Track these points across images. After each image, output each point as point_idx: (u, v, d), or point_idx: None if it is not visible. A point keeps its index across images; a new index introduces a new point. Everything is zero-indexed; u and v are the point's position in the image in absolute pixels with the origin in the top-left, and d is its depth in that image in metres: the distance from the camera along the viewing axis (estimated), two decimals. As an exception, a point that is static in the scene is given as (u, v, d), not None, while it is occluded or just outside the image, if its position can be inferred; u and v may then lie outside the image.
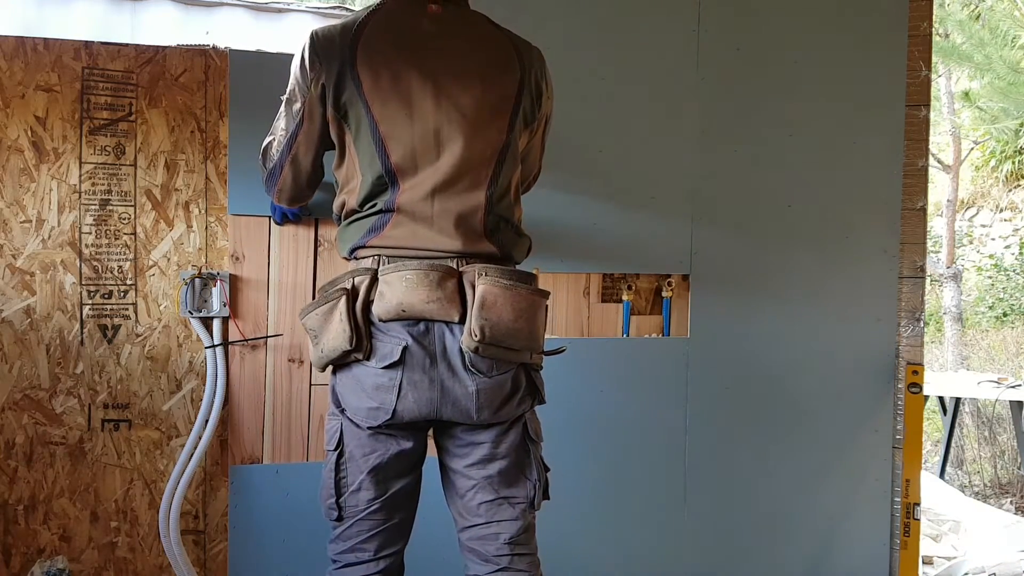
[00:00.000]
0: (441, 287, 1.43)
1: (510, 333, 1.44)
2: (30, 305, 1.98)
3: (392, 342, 1.45)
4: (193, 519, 2.08)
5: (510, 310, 1.43)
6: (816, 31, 2.42)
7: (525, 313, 1.45)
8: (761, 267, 2.39)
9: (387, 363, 1.45)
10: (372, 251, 1.51)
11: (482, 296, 1.43)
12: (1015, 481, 4.51)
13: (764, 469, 2.41)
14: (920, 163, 2.47)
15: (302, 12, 4.12)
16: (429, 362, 1.45)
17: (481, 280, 1.44)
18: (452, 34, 1.52)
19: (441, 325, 1.45)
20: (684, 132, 2.34)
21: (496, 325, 1.42)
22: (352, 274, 1.50)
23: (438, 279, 1.44)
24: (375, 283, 1.47)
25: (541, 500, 1.56)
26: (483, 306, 1.42)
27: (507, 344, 1.44)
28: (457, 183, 1.48)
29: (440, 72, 1.49)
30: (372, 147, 1.48)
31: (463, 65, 1.50)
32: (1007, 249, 8.83)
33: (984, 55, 5.56)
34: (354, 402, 1.49)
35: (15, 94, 1.96)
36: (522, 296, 1.45)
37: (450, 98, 1.48)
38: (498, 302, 1.43)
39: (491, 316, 1.42)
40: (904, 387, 2.43)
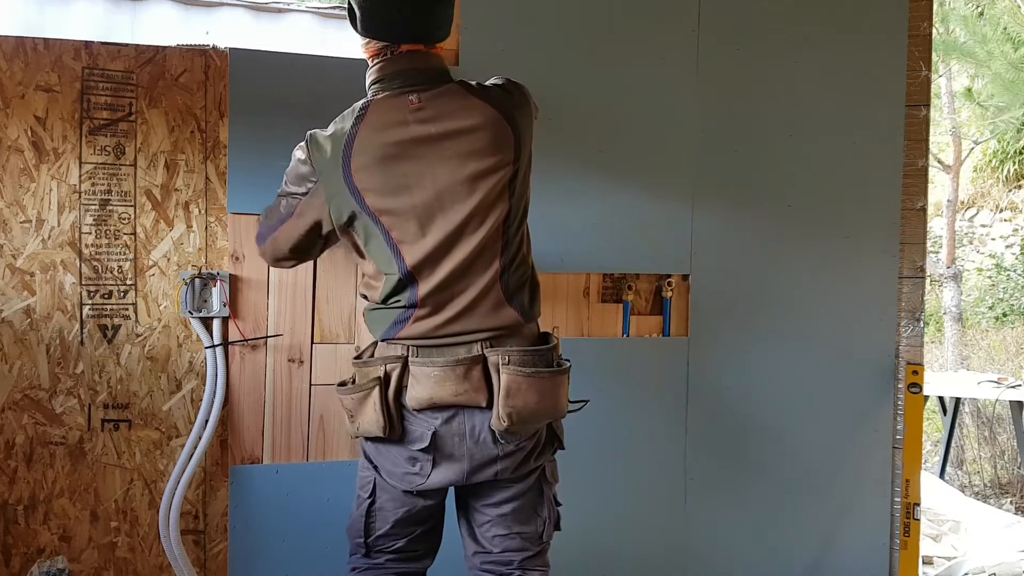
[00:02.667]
0: (467, 379, 1.51)
1: (535, 414, 1.52)
2: (30, 305, 1.98)
3: (422, 427, 1.53)
4: (193, 519, 2.08)
5: (534, 395, 1.51)
6: (816, 31, 2.41)
7: (549, 394, 1.53)
8: (761, 267, 2.39)
9: (420, 447, 1.53)
10: (402, 341, 1.56)
11: (507, 386, 1.50)
12: (1015, 481, 4.50)
13: (764, 469, 2.41)
14: (920, 163, 2.47)
15: (302, 12, 4.12)
16: (458, 440, 1.53)
17: (505, 369, 1.51)
18: (437, 123, 1.49)
19: (470, 409, 1.53)
20: (684, 132, 2.34)
21: (522, 410, 1.50)
22: (384, 361, 1.55)
23: (464, 372, 1.51)
24: (406, 371, 1.54)
25: (551, 532, 1.66)
26: (508, 395, 1.49)
27: (533, 422, 1.53)
28: (472, 265, 1.52)
29: (435, 168, 1.48)
30: (388, 252, 1.53)
31: (456, 153, 1.48)
32: (1007, 249, 8.82)
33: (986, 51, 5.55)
34: (388, 467, 1.59)
35: (15, 94, 1.96)
36: (544, 380, 1.52)
37: (450, 191, 1.49)
38: (522, 389, 1.50)
39: (516, 403, 1.49)
40: (904, 387, 2.43)
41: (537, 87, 2.23)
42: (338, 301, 2.14)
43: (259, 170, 2.06)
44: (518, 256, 1.58)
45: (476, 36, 2.20)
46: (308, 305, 2.12)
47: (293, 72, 2.10)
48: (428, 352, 1.54)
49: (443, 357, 1.52)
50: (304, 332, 2.11)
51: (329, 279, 2.13)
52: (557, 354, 1.60)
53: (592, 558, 2.29)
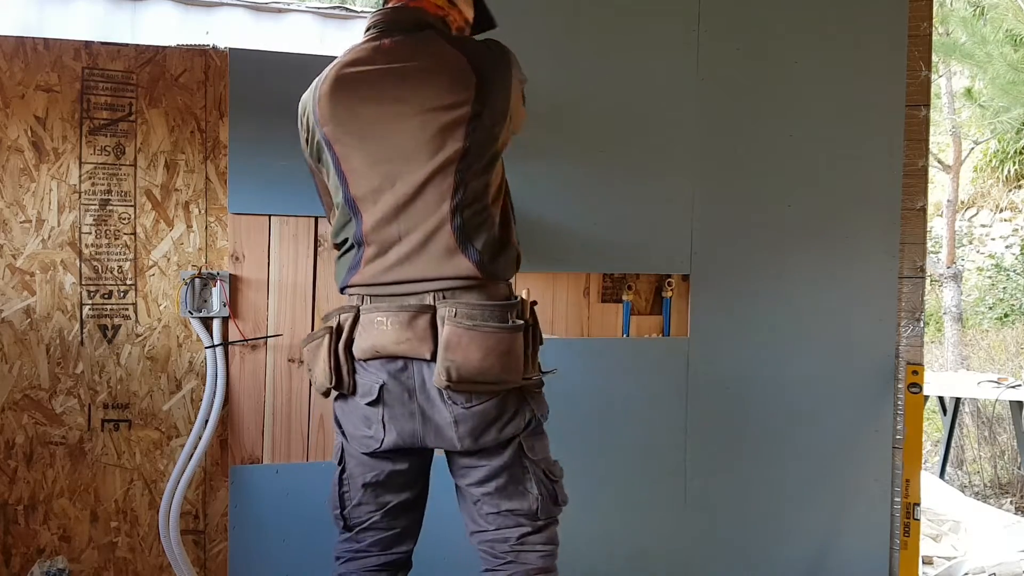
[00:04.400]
0: (411, 327, 1.45)
1: (479, 372, 1.43)
2: (30, 305, 1.98)
3: (371, 380, 1.50)
4: (193, 519, 2.08)
5: (476, 350, 1.43)
6: (816, 31, 2.41)
7: (494, 351, 1.44)
8: (761, 267, 2.39)
9: (368, 400, 1.50)
10: (355, 291, 1.54)
11: (447, 338, 1.43)
12: (1015, 481, 4.50)
13: (764, 469, 2.41)
14: (920, 163, 2.47)
15: (302, 12, 4.12)
16: (407, 396, 1.49)
17: (447, 321, 1.44)
18: (402, 60, 1.51)
19: (417, 363, 1.47)
20: (684, 132, 2.34)
21: (463, 366, 1.42)
22: (340, 311, 1.54)
23: (408, 319, 1.46)
24: (357, 322, 1.51)
25: (551, 509, 1.57)
26: (448, 347, 1.43)
27: (479, 380, 1.44)
28: (417, 200, 1.47)
29: (390, 100, 1.49)
30: (336, 181, 1.53)
31: (413, 88, 1.49)
32: (1007, 249, 8.82)
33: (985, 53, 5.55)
34: (350, 428, 1.56)
35: (15, 94, 1.96)
36: (487, 335, 1.44)
37: (401, 122, 1.48)
38: (463, 342, 1.43)
39: (456, 357, 1.42)
40: (904, 387, 2.43)
41: (537, 87, 2.24)
42: (338, 301, 2.13)
43: (259, 170, 2.06)
44: (476, 204, 1.49)
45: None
46: (308, 305, 2.12)
47: (293, 72, 2.09)
48: (378, 301, 1.50)
49: (391, 304, 1.48)
50: (304, 332, 2.11)
51: (329, 279, 2.13)
52: (517, 314, 1.48)
53: (592, 558, 2.29)
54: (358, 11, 4.48)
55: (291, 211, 2.09)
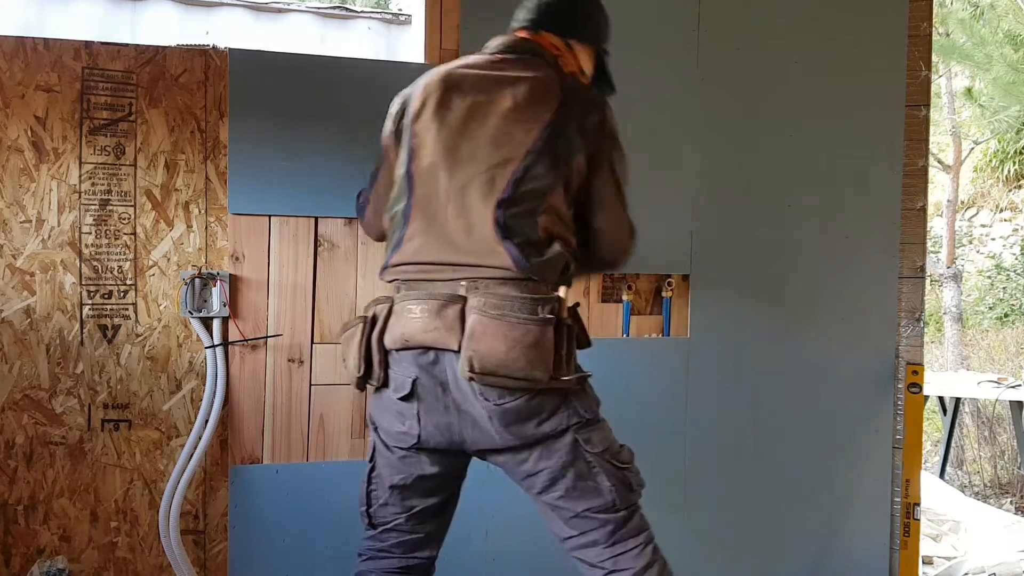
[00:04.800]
0: (440, 316, 1.43)
1: (503, 364, 1.39)
2: (30, 305, 1.98)
3: (403, 374, 1.48)
4: (193, 519, 2.08)
5: (500, 341, 1.39)
6: (816, 31, 2.42)
7: (519, 343, 1.40)
8: (761, 267, 2.39)
9: (401, 395, 1.48)
10: (394, 273, 1.54)
11: (471, 327, 1.41)
12: (1015, 481, 4.50)
13: (764, 469, 2.41)
14: (920, 163, 2.47)
15: (302, 12, 4.12)
16: (441, 391, 1.46)
17: (472, 310, 1.42)
18: (502, 69, 1.59)
19: (448, 353, 1.44)
20: (684, 132, 2.34)
21: (486, 357, 1.39)
22: (376, 302, 1.54)
23: (438, 308, 1.44)
24: (391, 313, 1.50)
25: (627, 497, 1.54)
26: (472, 336, 1.40)
27: (503, 374, 1.40)
28: (470, 189, 1.48)
29: (476, 97, 1.55)
30: (404, 157, 1.56)
31: (502, 90, 1.55)
32: (1007, 249, 8.82)
33: (985, 54, 5.55)
34: (385, 424, 1.55)
35: (15, 94, 1.96)
36: (514, 326, 1.40)
37: (479, 117, 1.53)
38: (487, 332, 1.40)
39: (480, 347, 1.39)
40: (904, 387, 2.43)
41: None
42: (338, 301, 2.14)
43: (259, 170, 2.07)
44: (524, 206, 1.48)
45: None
46: (308, 305, 2.12)
47: (293, 72, 2.10)
48: (411, 290, 1.50)
49: (420, 293, 1.47)
50: (304, 332, 2.11)
51: (329, 279, 2.13)
52: (550, 310, 1.45)
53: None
54: (358, 11, 4.48)
55: (291, 211, 2.09)
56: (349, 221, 2.13)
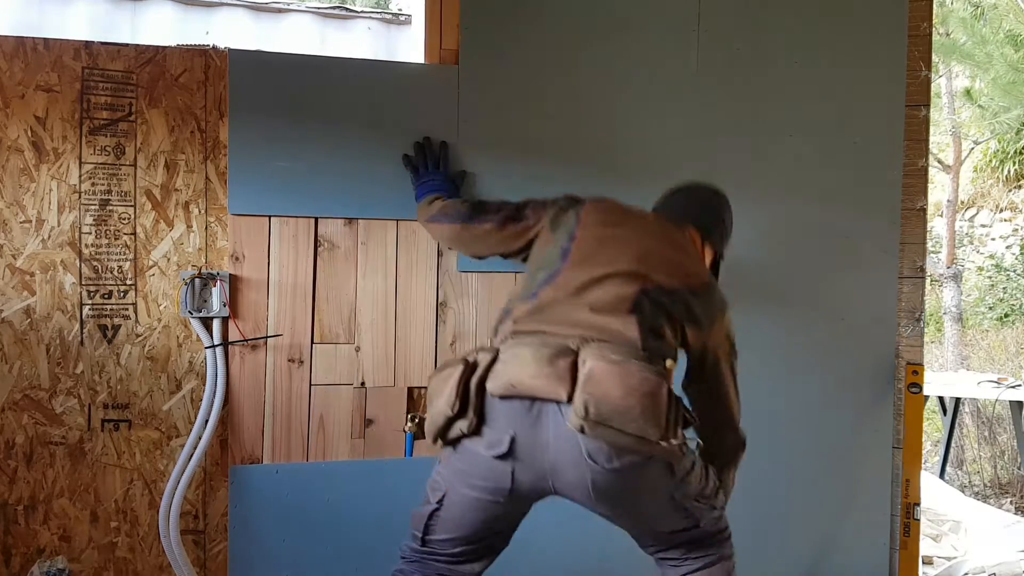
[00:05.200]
0: (552, 364, 1.41)
1: (618, 411, 1.36)
2: (30, 305, 1.98)
3: (501, 430, 1.44)
4: (193, 519, 2.08)
5: (618, 386, 1.38)
6: (816, 31, 2.41)
7: (636, 391, 1.38)
8: (761, 267, 2.39)
9: (497, 453, 1.44)
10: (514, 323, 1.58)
11: (589, 371, 1.39)
12: (1015, 481, 4.50)
13: (763, 469, 2.40)
14: (920, 163, 2.47)
15: (302, 12, 4.13)
16: (541, 452, 1.42)
17: (591, 356, 1.42)
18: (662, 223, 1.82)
19: (553, 408, 1.41)
20: (684, 132, 2.34)
21: (601, 401, 1.36)
22: (478, 350, 1.54)
23: (550, 356, 1.43)
24: (496, 360, 1.48)
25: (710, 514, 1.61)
26: (589, 380, 1.38)
27: (616, 425, 1.37)
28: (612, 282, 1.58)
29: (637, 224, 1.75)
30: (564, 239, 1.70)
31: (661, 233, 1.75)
32: (1007, 249, 8.82)
33: (985, 53, 5.55)
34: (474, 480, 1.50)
35: (15, 94, 1.96)
36: (632, 372, 1.40)
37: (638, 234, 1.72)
38: (605, 377, 1.38)
39: (596, 391, 1.37)
40: (904, 387, 2.43)
41: (537, 87, 2.24)
42: (338, 301, 2.14)
43: (259, 170, 2.07)
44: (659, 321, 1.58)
45: (476, 36, 2.20)
46: (308, 305, 2.12)
47: (293, 72, 2.10)
48: (521, 338, 1.51)
49: (533, 340, 1.48)
50: (304, 332, 2.11)
51: (329, 279, 2.13)
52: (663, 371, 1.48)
53: (590, 558, 2.29)
54: (358, 11, 4.48)
55: (291, 211, 2.09)
56: (349, 221, 2.13)
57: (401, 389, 2.17)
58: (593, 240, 1.67)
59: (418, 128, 2.15)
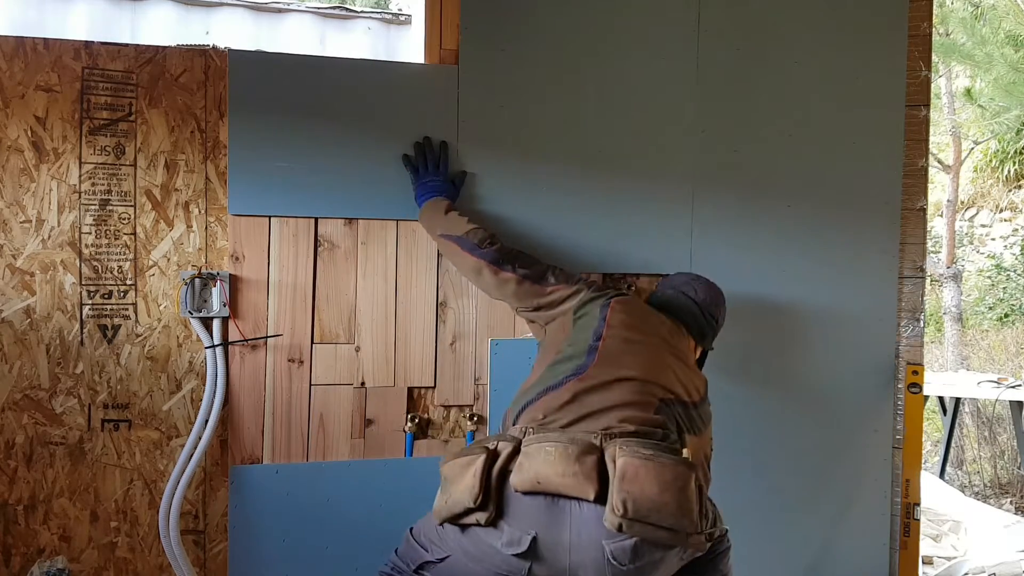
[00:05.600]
0: (580, 462, 1.41)
1: (655, 508, 1.37)
2: (30, 305, 1.98)
3: (522, 528, 1.42)
4: (193, 519, 2.08)
5: (654, 482, 1.37)
6: (816, 31, 2.41)
7: (671, 486, 1.39)
8: (761, 267, 2.39)
9: (516, 551, 1.42)
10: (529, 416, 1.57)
11: (623, 468, 1.39)
12: (1015, 481, 4.51)
13: (763, 469, 2.41)
14: (920, 163, 2.47)
15: (302, 12, 4.13)
16: (561, 552, 1.41)
17: (621, 452, 1.41)
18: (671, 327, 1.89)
19: (575, 507, 1.40)
20: (684, 132, 2.34)
21: (639, 499, 1.36)
22: (498, 438, 1.53)
23: (577, 453, 1.42)
24: (517, 452, 1.48)
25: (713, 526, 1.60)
26: (624, 478, 1.37)
27: (653, 521, 1.37)
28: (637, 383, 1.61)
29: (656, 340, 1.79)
30: (594, 327, 1.73)
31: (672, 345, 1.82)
32: (1007, 249, 8.82)
33: (985, 53, 5.55)
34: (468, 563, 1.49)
35: (15, 94, 1.96)
36: (667, 467, 1.40)
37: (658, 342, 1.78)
38: (640, 474, 1.38)
39: (633, 489, 1.36)
40: (904, 387, 2.43)
41: (537, 87, 2.24)
42: (338, 301, 2.14)
43: (259, 170, 2.07)
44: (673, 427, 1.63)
45: (476, 36, 2.20)
46: (308, 305, 2.12)
47: (293, 72, 2.10)
48: (545, 432, 1.49)
49: (560, 436, 1.47)
50: (304, 332, 2.11)
51: (329, 279, 2.13)
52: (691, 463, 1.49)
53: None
54: (358, 11, 4.48)
55: (291, 212, 2.09)
56: (349, 221, 2.13)
57: (401, 389, 2.17)
58: (619, 342, 1.71)
59: (418, 128, 2.15)
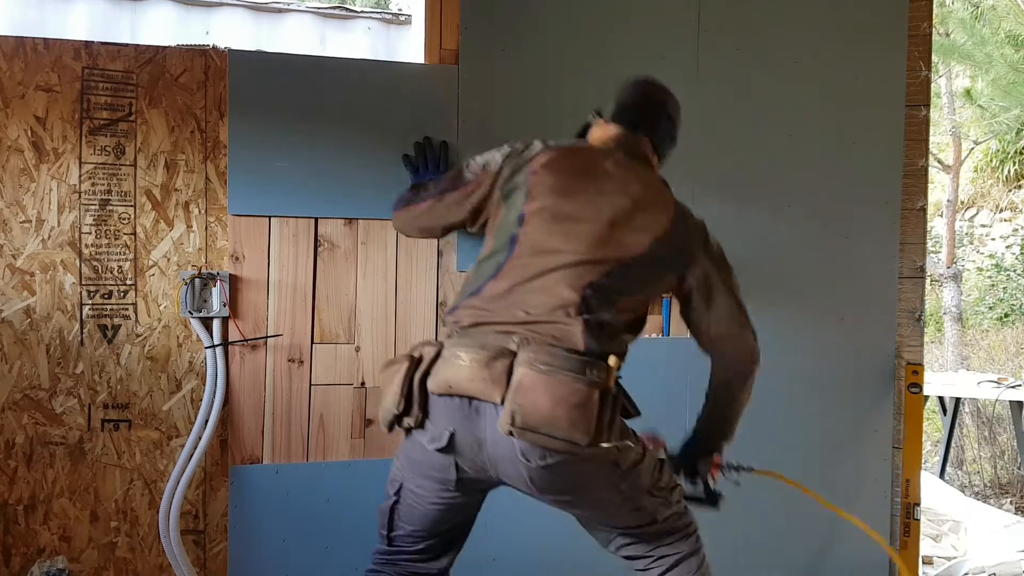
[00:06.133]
0: (489, 367, 1.42)
1: (546, 421, 1.38)
2: (30, 305, 1.98)
3: (441, 424, 1.47)
4: (193, 519, 2.08)
5: (546, 397, 1.39)
6: (816, 31, 2.41)
7: (565, 401, 1.39)
8: (761, 267, 2.39)
9: (438, 447, 1.48)
10: (459, 315, 1.56)
11: (518, 380, 1.40)
12: (1015, 481, 4.50)
13: (763, 468, 2.40)
14: (920, 163, 2.47)
15: (302, 12, 4.12)
16: (478, 446, 1.46)
17: (524, 362, 1.42)
18: (624, 170, 1.66)
19: (489, 407, 1.43)
20: (684, 132, 2.33)
21: (529, 412, 1.38)
22: (424, 344, 1.55)
23: (487, 359, 1.43)
24: (438, 358, 1.50)
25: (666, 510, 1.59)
26: (518, 389, 1.39)
27: (545, 431, 1.38)
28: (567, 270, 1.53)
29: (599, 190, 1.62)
30: (514, 219, 1.60)
31: (621, 192, 1.61)
32: (1007, 249, 8.82)
33: (985, 53, 5.55)
34: (416, 469, 1.55)
35: (15, 94, 1.96)
36: (561, 383, 1.40)
37: (598, 209, 1.59)
38: (534, 386, 1.39)
39: (524, 401, 1.38)
40: (904, 387, 2.43)
41: (537, 87, 2.24)
42: (338, 301, 2.14)
43: (259, 170, 2.07)
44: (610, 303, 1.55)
45: (476, 36, 2.20)
46: (308, 305, 2.12)
47: (293, 72, 2.10)
48: (465, 334, 1.52)
49: (475, 340, 1.48)
50: (304, 332, 2.11)
51: (329, 279, 2.13)
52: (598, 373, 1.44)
53: (591, 558, 2.28)
54: (358, 11, 4.48)
55: (291, 211, 2.09)
56: (349, 221, 2.13)
57: (401, 389, 2.17)
58: (543, 225, 1.58)
59: (418, 128, 2.15)
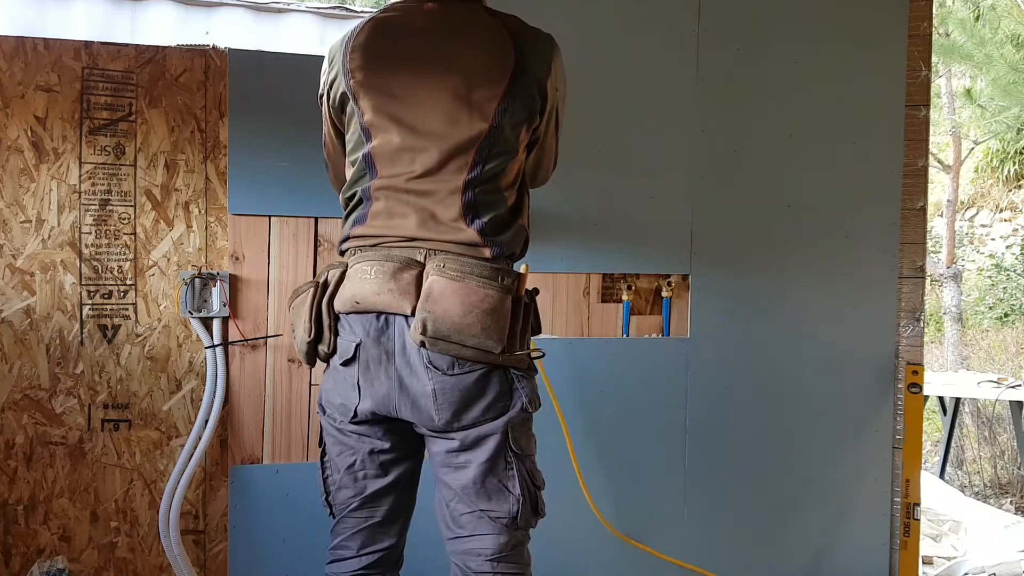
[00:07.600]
0: (395, 279, 1.40)
1: (457, 328, 1.36)
2: (30, 305, 1.98)
3: (349, 338, 1.45)
4: (193, 519, 2.08)
5: (457, 304, 1.37)
6: (816, 31, 2.41)
7: (477, 308, 1.37)
8: (761, 267, 2.39)
9: (344, 360, 1.45)
10: (352, 243, 1.51)
11: (428, 288, 1.38)
12: (1015, 481, 4.51)
13: (763, 469, 2.41)
14: (920, 163, 2.47)
15: (302, 12, 4.12)
16: (386, 359, 1.42)
17: (433, 271, 1.39)
18: (443, 27, 1.50)
19: (400, 319, 1.41)
20: (684, 132, 2.34)
21: (440, 319, 1.36)
22: (329, 267, 1.51)
23: (393, 270, 1.41)
24: (344, 276, 1.47)
25: (530, 518, 1.47)
26: (428, 298, 1.38)
27: (457, 340, 1.37)
28: (434, 170, 1.44)
29: (425, 65, 1.47)
30: (360, 136, 1.49)
31: (449, 56, 1.47)
32: (1007, 249, 8.82)
33: (985, 53, 5.55)
34: (332, 399, 1.51)
35: (15, 94, 1.96)
36: (472, 290, 1.38)
37: (433, 90, 1.46)
38: (444, 294, 1.37)
39: (435, 309, 1.37)
40: (904, 387, 2.43)
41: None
42: (338, 301, 2.14)
43: (259, 170, 2.07)
44: (489, 184, 1.46)
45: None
46: (308, 305, 2.12)
47: (293, 72, 2.10)
48: (367, 252, 1.46)
49: (376, 255, 1.44)
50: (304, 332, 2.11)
51: (329, 279, 2.13)
52: (510, 280, 1.41)
53: (592, 557, 2.29)
54: (358, 11, 4.48)
55: (291, 211, 2.10)
56: (349, 221, 2.13)
57: (401, 389, 2.17)
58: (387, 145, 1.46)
59: (418, 128, 2.15)
